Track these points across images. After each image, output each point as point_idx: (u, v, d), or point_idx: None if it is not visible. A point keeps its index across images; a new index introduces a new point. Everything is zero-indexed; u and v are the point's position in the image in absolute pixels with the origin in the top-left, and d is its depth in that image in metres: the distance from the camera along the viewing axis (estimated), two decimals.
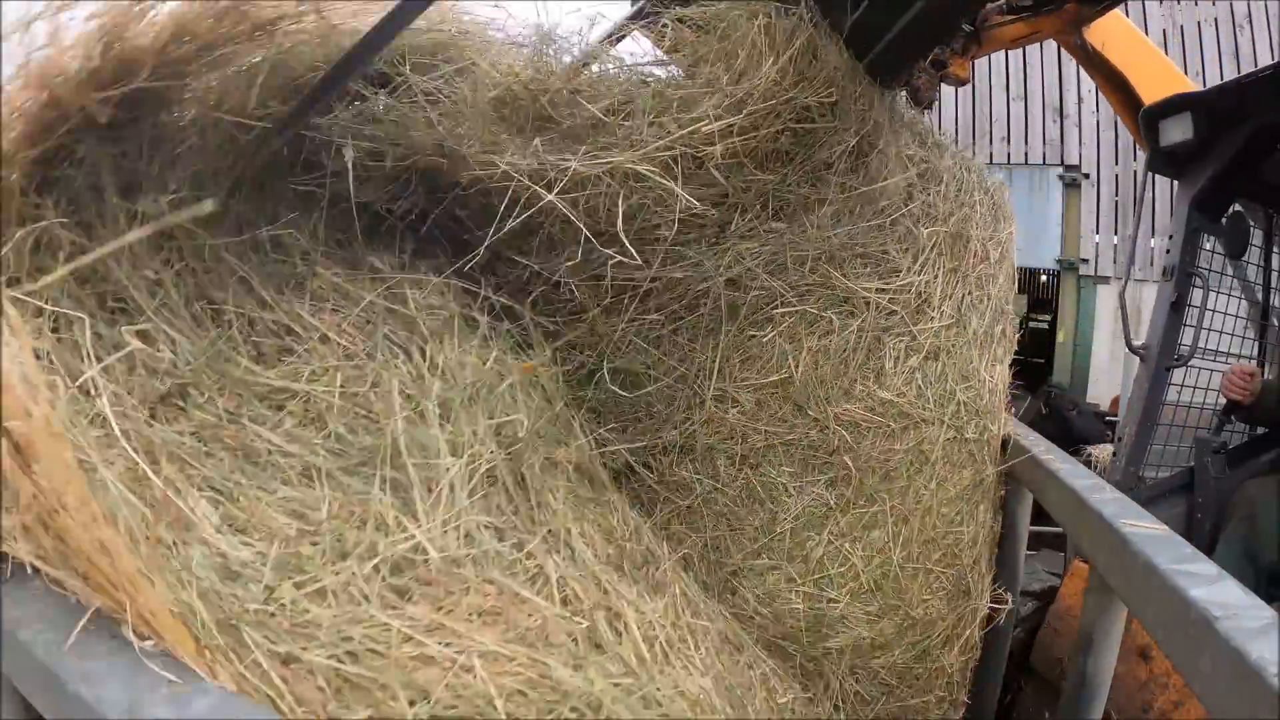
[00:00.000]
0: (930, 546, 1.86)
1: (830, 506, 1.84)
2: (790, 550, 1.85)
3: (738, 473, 1.87)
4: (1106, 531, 1.31)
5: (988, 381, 1.92)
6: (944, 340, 1.89)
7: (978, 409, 1.89)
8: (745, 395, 1.85)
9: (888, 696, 1.93)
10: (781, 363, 1.83)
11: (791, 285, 1.83)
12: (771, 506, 1.85)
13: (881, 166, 1.90)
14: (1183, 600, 1.12)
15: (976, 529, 1.89)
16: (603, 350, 1.86)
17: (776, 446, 1.85)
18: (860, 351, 1.85)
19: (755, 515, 1.85)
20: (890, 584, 1.84)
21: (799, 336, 1.84)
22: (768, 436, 1.84)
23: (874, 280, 1.86)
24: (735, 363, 1.85)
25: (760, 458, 1.85)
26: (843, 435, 1.82)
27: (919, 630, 1.87)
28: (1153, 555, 1.19)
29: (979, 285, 1.98)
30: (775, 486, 1.85)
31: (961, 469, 1.88)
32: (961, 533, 1.87)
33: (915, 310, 1.89)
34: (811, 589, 1.84)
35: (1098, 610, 1.47)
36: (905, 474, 1.85)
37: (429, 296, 1.60)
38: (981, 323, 1.95)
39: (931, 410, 1.85)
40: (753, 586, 1.85)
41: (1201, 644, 1.08)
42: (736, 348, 1.86)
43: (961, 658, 1.93)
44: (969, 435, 1.88)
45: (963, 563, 1.88)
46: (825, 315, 1.84)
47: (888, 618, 1.86)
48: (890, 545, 1.84)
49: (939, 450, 1.85)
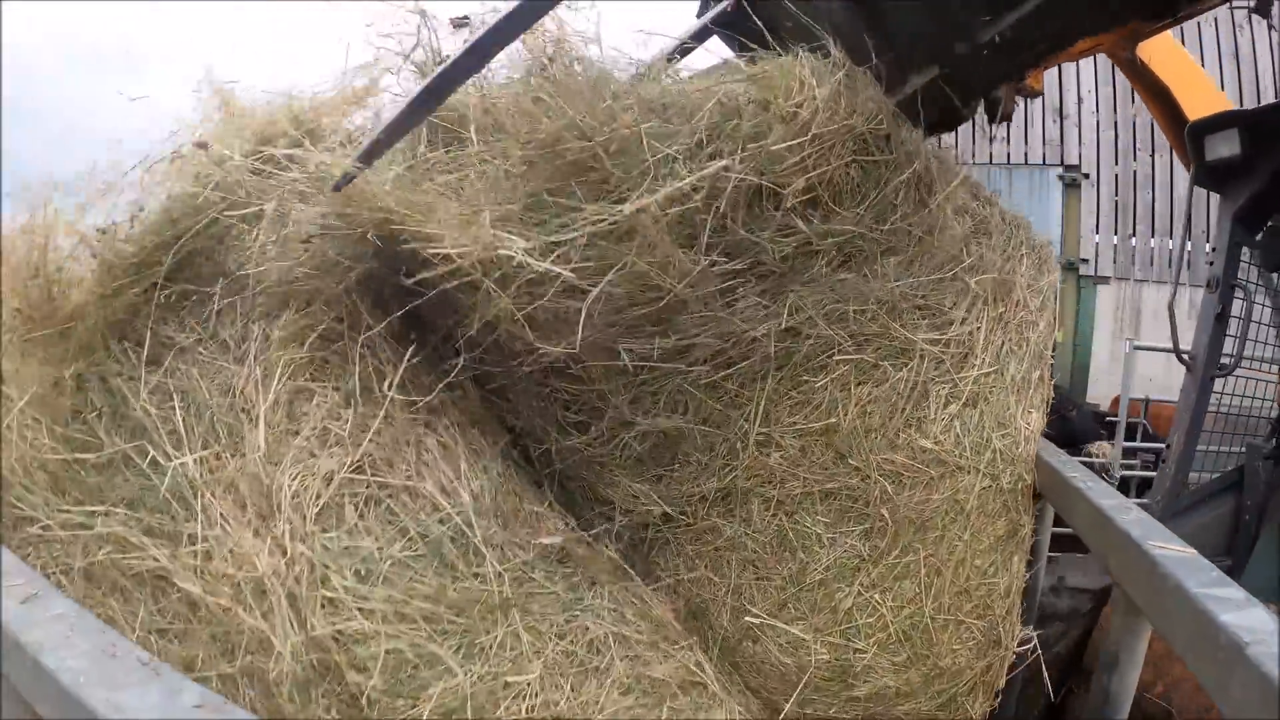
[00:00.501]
0: (963, 598, 1.84)
1: (864, 558, 1.82)
2: (819, 601, 1.82)
3: (772, 519, 1.85)
4: (1134, 553, 1.32)
5: (1023, 429, 1.90)
6: (983, 387, 1.90)
7: (1013, 457, 1.87)
8: (790, 440, 1.84)
9: None
10: (831, 410, 1.83)
11: (851, 334, 1.84)
12: (803, 556, 1.83)
13: (940, 214, 1.96)
14: (1213, 624, 1.12)
15: (1010, 579, 1.87)
16: (646, 405, 1.84)
17: (815, 494, 1.84)
18: (909, 401, 1.85)
19: (785, 564, 1.84)
20: (920, 635, 1.82)
21: (850, 385, 1.84)
22: (806, 484, 1.83)
23: (930, 331, 1.88)
24: (784, 408, 1.84)
25: (797, 505, 1.84)
26: (883, 486, 1.81)
27: (946, 679, 1.85)
28: (1183, 579, 1.19)
29: (1019, 331, 1.99)
30: (809, 536, 1.84)
31: (996, 519, 1.86)
32: (995, 584, 1.85)
33: (960, 359, 1.90)
34: (838, 639, 1.82)
35: (1124, 630, 1.48)
36: (940, 524, 1.83)
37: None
38: (1020, 368, 1.95)
39: (968, 458, 1.84)
40: (776, 635, 1.82)
41: (1231, 668, 1.09)
42: (786, 394, 1.85)
43: (986, 705, 1.91)
44: (1004, 484, 1.86)
45: (995, 614, 1.86)
46: (881, 365, 1.85)
47: (915, 668, 1.83)
48: (922, 596, 1.81)
49: (974, 500, 1.84)
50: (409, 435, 1.59)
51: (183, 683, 0.89)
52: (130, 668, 0.94)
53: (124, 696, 0.87)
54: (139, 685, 0.89)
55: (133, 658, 0.96)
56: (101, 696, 0.87)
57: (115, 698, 0.86)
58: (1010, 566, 1.86)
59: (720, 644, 1.87)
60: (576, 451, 1.88)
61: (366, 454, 1.51)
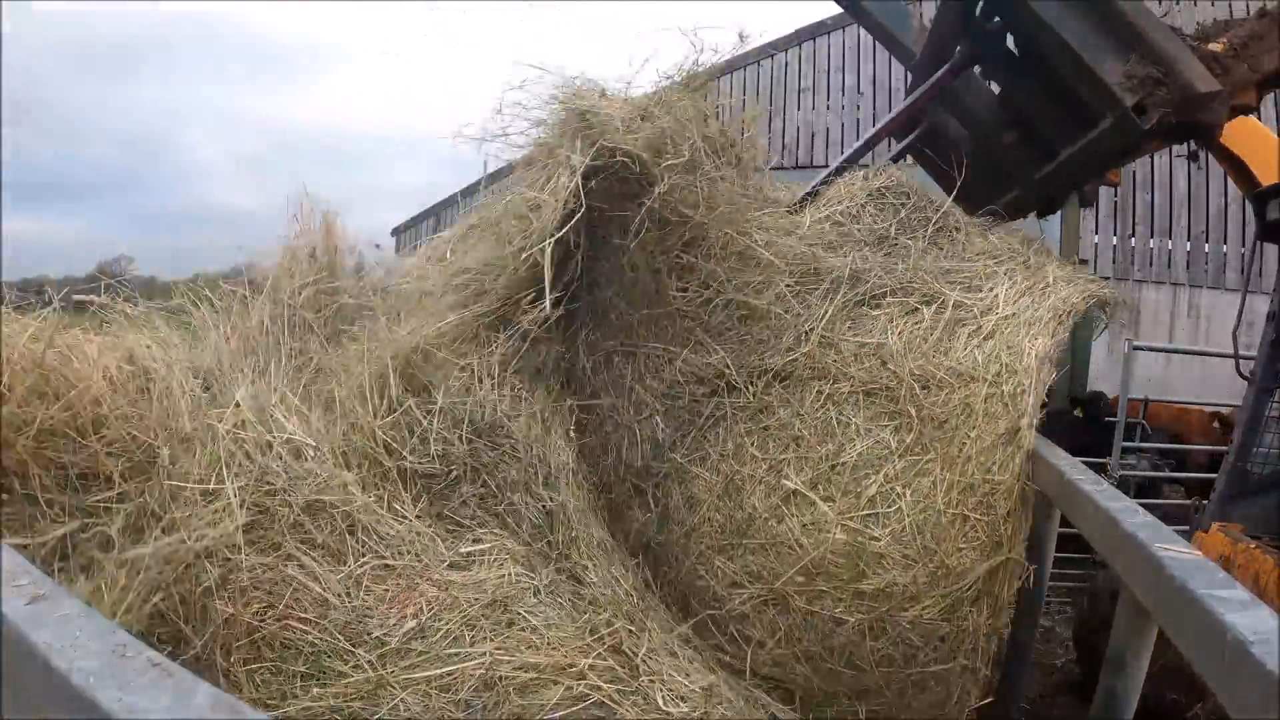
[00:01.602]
0: (968, 493, 2.10)
1: (891, 450, 2.18)
2: (847, 485, 2.16)
3: (820, 408, 2.28)
4: (1141, 555, 1.33)
5: (1027, 350, 2.26)
6: (1000, 327, 2.34)
7: (1016, 369, 2.23)
8: (846, 347, 2.36)
9: (911, 661, 2.05)
10: (880, 333, 2.37)
11: (902, 285, 2.47)
12: (841, 440, 2.22)
13: (969, 240, 2.80)
14: (1218, 625, 1.13)
15: (1010, 480, 2.10)
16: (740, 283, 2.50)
17: (859, 393, 2.28)
18: (941, 333, 2.35)
19: (825, 446, 2.22)
20: (931, 529, 2.08)
21: (896, 318, 2.40)
22: (853, 383, 2.29)
23: (964, 293, 2.45)
24: (844, 327, 2.41)
25: (844, 399, 2.28)
26: (913, 387, 2.24)
27: (952, 580, 2.04)
28: (1188, 580, 1.20)
29: (1043, 295, 2.44)
30: (849, 426, 2.24)
31: (998, 420, 2.16)
32: (998, 482, 2.10)
33: (986, 309, 2.39)
34: (857, 525, 2.10)
35: (1130, 632, 1.49)
36: (954, 422, 2.18)
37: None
38: (1036, 312, 2.36)
39: (980, 371, 2.25)
40: (801, 514, 2.16)
41: (1236, 668, 1.10)
42: (847, 316, 2.43)
43: (989, 621, 2.06)
44: (1005, 390, 2.21)
45: (997, 513, 2.08)
46: (920, 309, 2.41)
47: (923, 564, 2.05)
48: (935, 491, 2.11)
49: (981, 403, 2.18)
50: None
51: (195, 683, 0.89)
52: (141, 668, 0.93)
53: (136, 697, 0.87)
54: (151, 686, 0.89)
55: (143, 658, 0.96)
56: (113, 697, 0.87)
57: (128, 698, 0.86)
58: (1010, 467, 2.12)
59: (748, 523, 2.21)
60: (673, 305, 2.46)
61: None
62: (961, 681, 2.14)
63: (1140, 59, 2.53)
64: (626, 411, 2.49)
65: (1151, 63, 2.53)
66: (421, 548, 1.88)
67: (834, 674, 2.17)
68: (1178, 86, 2.50)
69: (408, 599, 1.76)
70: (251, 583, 1.72)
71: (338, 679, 1.66)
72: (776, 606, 2.17)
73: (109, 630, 1.02)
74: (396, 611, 1.75)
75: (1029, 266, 2.59)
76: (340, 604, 1.74)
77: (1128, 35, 2.56)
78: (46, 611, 1.07)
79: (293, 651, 1.69)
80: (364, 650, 1.68)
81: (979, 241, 2.73)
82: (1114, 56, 2.56)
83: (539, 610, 1.83)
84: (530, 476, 2.09)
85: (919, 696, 2.17)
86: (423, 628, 1.72)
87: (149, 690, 0.88)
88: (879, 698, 2.18)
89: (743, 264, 2.51)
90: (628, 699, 1.70)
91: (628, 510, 2.44)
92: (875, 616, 2.07)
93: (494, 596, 1.82)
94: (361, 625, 1.72)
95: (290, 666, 1.67)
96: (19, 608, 1.07)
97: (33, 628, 1.02)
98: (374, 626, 1.72)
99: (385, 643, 1.70)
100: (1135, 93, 2.52)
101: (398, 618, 1.74)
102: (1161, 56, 2.54)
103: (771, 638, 2.19)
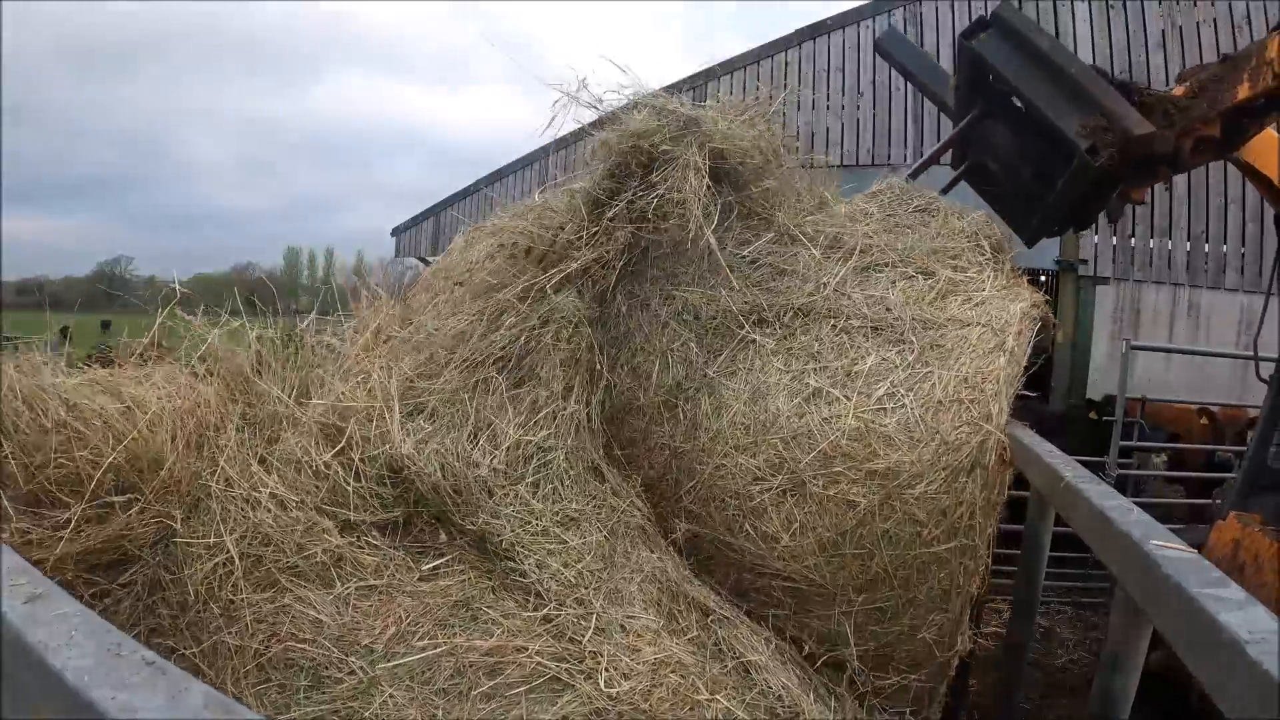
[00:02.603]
0: (962, 385, 2.49)
1: (895, 365, 2.59)
2: (860, 387, 2.55)
3: (835, 337, 2.71)
4: (1136, 553, 1.33)
5: (1012, 308, 2.73)
6: (988, 295, 2.81)
7: (999, 316, 2.69)
8: (857, 298, 2.79)
9: (915, 540, 2.38)
10: (884, 290, 2.82)
11: (901, 256, 2.95)
12: (853, 355, 2.63)
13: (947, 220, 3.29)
14: (1213, 624, 1.13)
15: (998, 371, 2.51)
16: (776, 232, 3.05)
17: (868, 328, 2.70)
18: (937, 295, 2.81)
19: (840, 359, 2.63)
20: (931, 414, 2.45)
21: (897, 281, 2.87)
22: (863, 320, 2.72)
23: (954, 271, 2.93)
24: (855, 284, 2.85)
25: (855, 330, 2.70)
26: (916, 326, 2.67)
27: (949, 453, 2.39)
28: (1183, 578, 1.20)
29: (1014, 282, 3.02)
30: (860, 348, 2.65)
31: (988, 342, 2.60)
32: (988, 371, 2.51)
33: (976, 287, 2.86)
34: (869, 416, 2.48)
35: (1125, 630, 1.48)
36: (950, 344, 2.61)
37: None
38: (1017, 290, 2.90)
39: (974, 318, 2.70)
40: (820, 410, 2.52)
41: (1232, 667, 1.09)
42: (857, 276, 2.88)
43: (983, 493, 2.39)
44: (995, 328, 2.65)
45: (986, 394, 2.47)
46: (916, 276, 2.90)
47: (926, 443, 2.41)
48: (935, 389, 2.50)
49: (975, 336, 2.62)
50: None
51: (188, 682, 0.89)
52: (135, 667, 0.94)
53: (130, 696, 0.87)
54: (145, 684, 0.89)
55: (138, 657, 0.96)
56: (108, 696, 0.87)
57: (122, 697, 0.86)
58: (997, 361, 2.55)
59: (772, 421, 2.55)
60: (727, 262, 2.86)
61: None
62: (962, 563, 2.38)
63: (1090, 112, 3.29)
64: (660, 340, 2.81)
65: (1099, 114, 3.27)
66: (396, 568, 2.13)
67: (844, 562, 2.43)
68: (1119, 131, 3.22)
69: (389, 610, 2.03)
70: (254, 617, 1.99)
71: (334, 685, 1.88)
72: (794, 495, 2.47)
73: (104, 629, 1.02)
74: (380, 622, 2.00)
75: (998, 262, 3.12)
76: (332, 622, 1.99)
77: (1078, 94, 3.33)
78: (43, 610, 1.07)
79: (295, 669, 1.92)
80: (355, 657, 1.91)
81: (956, 221, 3.21)
82: (1071, 111, 3.33)
83: (497, 604, 2.09)
84: (452, 506, 2.25)
85: (921, 585, 2.40)
86: (403, 632, 1.97)
87: (143, 689, 0.88)
88: (885, 589, 2.41)
89: (780, 237, 3.02)
90: (576, 678, 1.94)
91: (655, 427, 2.72)
92: (885, 495, 2.38)
93: (458, 598, 2.08)
94: (352, 637, 1.95)
95: (294, 681, 1.91)
96: (16, 607, 1.07)
97: (30, 627, 1.02)
98: (362, 636, 1.95)
99: (374, 649, 1.93)
100: (1088, 139, 3.23)
101: (382, 627, 1.99)
102: (1104, 109, 3.28)
103: (787, 531, 2.46)
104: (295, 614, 2.00)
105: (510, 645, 1.97)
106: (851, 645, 2.46)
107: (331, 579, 2.07)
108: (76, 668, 0.93)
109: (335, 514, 2.20)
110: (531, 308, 2.68)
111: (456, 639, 1.97)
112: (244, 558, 2.09)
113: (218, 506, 2.17)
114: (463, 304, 2.87)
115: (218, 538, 2.11)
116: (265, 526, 2.14)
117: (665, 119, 2.88)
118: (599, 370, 2.72)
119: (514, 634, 2.01)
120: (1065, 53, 3.55)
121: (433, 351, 2.70)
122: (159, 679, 0.90)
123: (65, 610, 1.06)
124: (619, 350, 2.83)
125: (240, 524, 2.14)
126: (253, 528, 2.14)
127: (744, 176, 3.04)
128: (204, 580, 2.07)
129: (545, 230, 2.85)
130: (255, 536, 2.13)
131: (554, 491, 2.39)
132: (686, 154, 2.80)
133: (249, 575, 2.07)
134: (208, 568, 2.08)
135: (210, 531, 2.13)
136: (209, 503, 2.20)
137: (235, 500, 2.19)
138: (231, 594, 2.04)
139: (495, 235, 3.04)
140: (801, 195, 3.26)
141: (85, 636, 1.00)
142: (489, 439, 2.40)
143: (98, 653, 0.96)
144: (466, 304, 2.85)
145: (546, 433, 2.48)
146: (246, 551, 2.10)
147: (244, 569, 2.07)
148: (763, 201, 3.08)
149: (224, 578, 2.07)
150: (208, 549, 2.11)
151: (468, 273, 3.01)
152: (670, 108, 2.92)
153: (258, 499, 2.19)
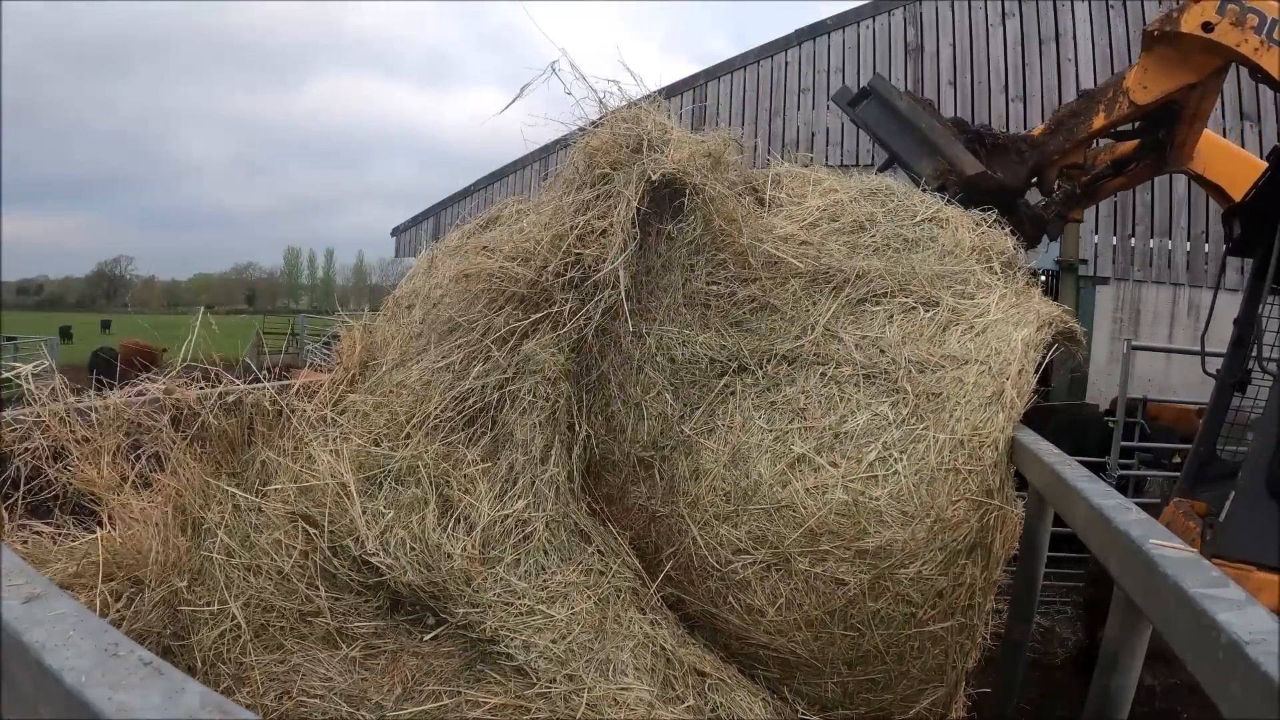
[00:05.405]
0: (959, 449, 2.27)
1: (890, 422, 2.35)
2: (849, 451, 2.31)
3: (824, 387, 2.47)
4: (1134, 553, 1.32)
5: (1014, 337, 2.51)
6: (991, 325, 2.57)
7: (1004, 352, 2.45)
8: (848, 338, 2.55)
9: (910, 620, 2.19)
10: (880, 328, 2.58)
11: (901, 287, 2.69)
12: (844, 412, 2.40)
13: (958, 233, 3.04)
14: (1212, 624, 1.12)
15: (996, 434, 2.30)
16: (756, 273, 2.72)
17: (860, 376, 2.46)
18: (935, 330, 2.56)
19: (828, 417, 2.39)
20: (926, 485, 2.23)
21: (895, 315, 2.62)
22: (855, 367, 2.48)
23: (957, 299, 2.69)
24: (847, 321, 2.62)
25: (845, 379, 2.46)
26: (912, 372, 2.43)
27: (948, 533, 2.19)
28: (1182, 578, 1.20)
29: (1025, 298, 2.78)
30: (851, 401, 2.42)
31: (986, 388, 2.38)
32: (985, 435, 2.29)
33: (979, 315, 2.62)
34: (858, 486, 2.25)
35: (1123, 629, 1.48)
36: (946, 393, 2.37)
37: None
38: (1023, 315, 2.63)
39: (973, 355, 2.46)
40: (805, 479, 2.28)
41: (1231, 668, 1.09)
42: (849, 311, 2.65)
43: (984, 574, 2.22)
44: (994, 367, 2.42)
45: (985, 463, 2.25)
46: (917, 308, 2.64)
47: (920, 519, 2.19)
48: (929, 452, 2.27)
49: (973, 377, 2.40)
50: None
51: (185, 682, 0.89)
52: (132, 667, 0.93)
53: (127, 696, 0.87)
54: (142, 685, 0.89)
55: (135, 657, 0.96)
56: (104, 696, 0.87)
57: (119, 698, 0.86)
58: (996, 421, 2.32)
59: (754, 490, 2.33)
60: (701, 293, 2.67)
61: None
62: (959, 642, 2.23)
63: (936, 158, 4.13)
64: (635, 389, 2.58)
65: (942, 159, 4.11)
66: (397, 633, 2.16)
67: (832, 639, 2.26)
68: (957, 172, 4.05)
69: (395, 669, 2.09)
70: (266, 676, 2.06)
71: None
72: (779, 571, 2.28)
73: (101, 629, 1.02)
74: (388, 680, 2.06)
75: (1012, 280, 2.93)
76: (341, 679, 2.04)
77: (927, 145, 4.19)
78: (41, 610, 1.07)
79: None
80: (365, 711, 1.97)
81: (966, 237, 2.98)
82: (922, 158, 4.19)
83: (499, 667, 2.10)
84: (429, 600, 2.21)
85: (916, 661, 2.24)
86: (410, 691, 2.03)
87: (140, 689, 0.88)
88: (877, 664, 2.26)
89: (765, 265, 2.75)
90: None
91: (632, 486, 2.52)
92: (876, 575, 2.18)
93: (460, 662, 2.12)
94: (361, 692, 2.01)
95: None
96: (14, 607, 1.07)
97: (27, 627, 1.02)
98: (371, 693, 2.02)
99: (383, 706, 1.99)
100: (937, 180, 3.98)
101: (389, 685, 2.05)
102: (945, 155, 4.11)
103: (772, 605, 2.28)
104: (305, 672, 2.06)
105: (514, 704, 2.01)
106: (842, 710, 2.35)
107: (337, 641, 2.13)
108: (74, 668, 0.93)
109: (328, 598, 2.20)
110: (504, 355, 2.49)
111: (460, 697, 2.01)
112: (249, 623, 2.14)
113: (221, 575, 2.22)
114: (426, 348, 2.68)
115: (222, 604, 2.16)
116: (268, 594, 2.19)
117: (620, 136, 2.67)
118: (577, 425, 2.52)
119: (517, 695, 2.03)
120: (917, 112, 4.33)
121: (393, 411, 2.52)
122: (155, 679, 0.90)
123: (63, 610, 1.05)
124: (593, 398, 2.63)
125: (244, 590, 2.19)
126: (256, 593, 2.19)
127: (714, 202, 2.72)
128: (213, 645, 2.12)
129: (512, 262, 2.61)
130: (259, 604, 2.18)
131: (536, 565, 2.26)
132: (628, 178, 2.56)
133: (257, 638, 2.13)
134: (215, 634, 2.13)
135: (215, 598, 2.18)
136: (212, 569, 2.25)
137: (238, 569, 2.23)
138: (240, 656, 2.10)
139: (457, 259, 2.87)
140: (772, 204, 3.05)
141: (83, 636, 1.00)
142: (462, 518, 2.27)
143: (95, 653, 0.96)
144: (431, 348, 2.64)
145: (524, 503, 2.32)
146: (251, 618, 2.15)
147: (252, 633, 2.12)
148: (735, 228, 2.75)
149: (232, 641, 2.11)
150: (213, 615, 2.16)
151: (434, 307, 2.83)
152: (622, 128, 2.69)
153: (259, 566, 2.23)
